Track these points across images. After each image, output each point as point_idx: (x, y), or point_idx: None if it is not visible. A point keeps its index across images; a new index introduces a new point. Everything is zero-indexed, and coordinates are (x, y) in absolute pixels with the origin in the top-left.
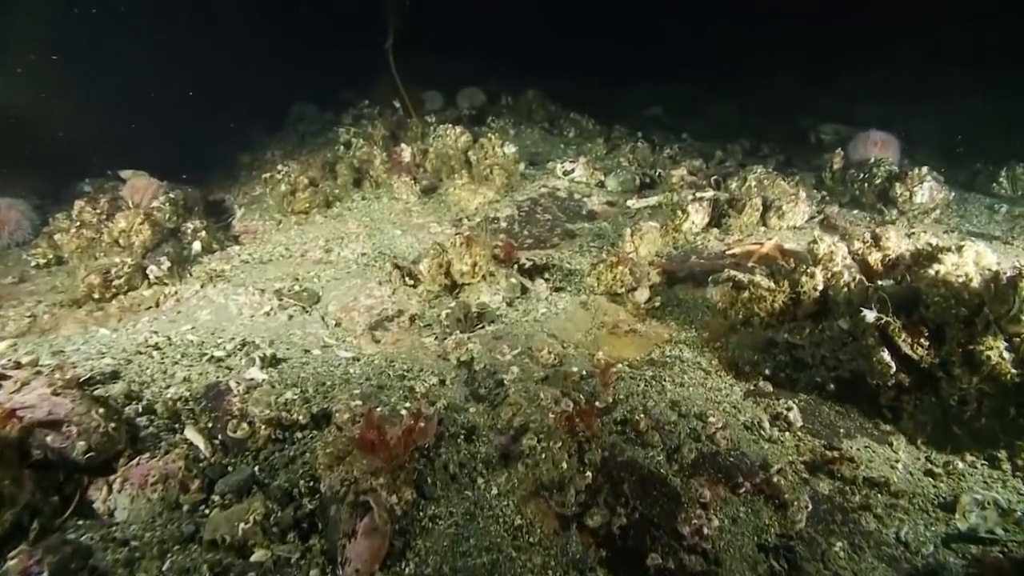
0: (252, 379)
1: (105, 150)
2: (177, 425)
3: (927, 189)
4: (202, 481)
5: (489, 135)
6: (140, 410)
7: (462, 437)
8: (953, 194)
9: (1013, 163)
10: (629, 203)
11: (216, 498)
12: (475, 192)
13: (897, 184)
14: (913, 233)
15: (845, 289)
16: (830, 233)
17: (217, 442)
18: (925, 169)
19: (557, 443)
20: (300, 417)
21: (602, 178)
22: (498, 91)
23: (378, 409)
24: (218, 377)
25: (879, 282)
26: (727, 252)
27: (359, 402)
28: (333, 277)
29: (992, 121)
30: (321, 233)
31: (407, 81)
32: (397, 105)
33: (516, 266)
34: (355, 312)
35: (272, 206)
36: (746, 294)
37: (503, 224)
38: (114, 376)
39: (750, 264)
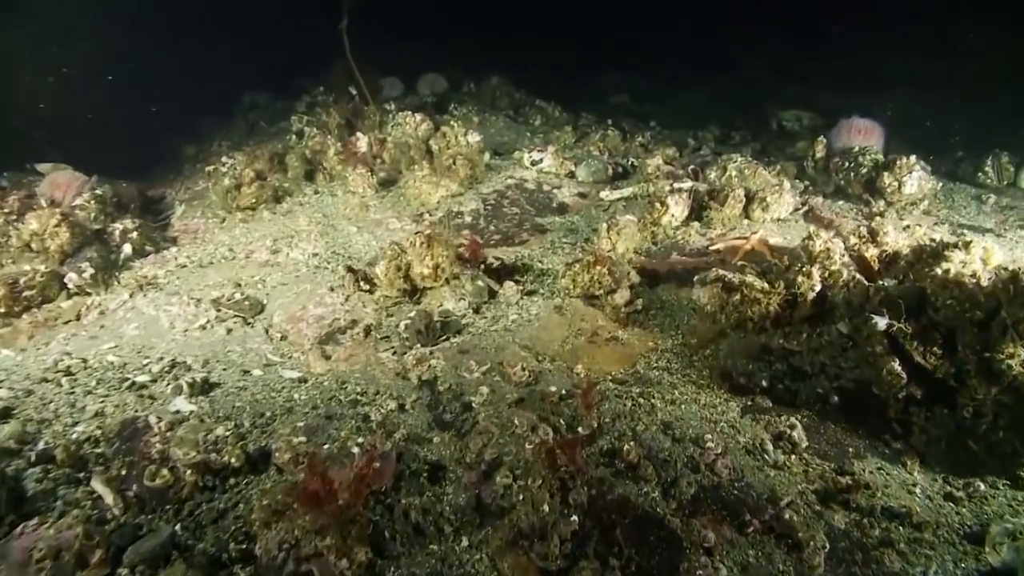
0: (177, 411)
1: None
2: (82, 475)
3: (916, 179)
4: (106, 550)
5: (452, 123)
6: (34, 458)
7: (425, 476)
8: (940, 184)
9: (998, 152)
10: (602, 195)
11: (124, 572)
12: (437, 185)
13: (885, 173)
14: (908, 227)
15: (844, 290)
16: (816, 225)
17: (131, 495)
18: (913, 158)
19: (536, 481)
20: (233, 459)
21: (572, 168)
22: (460, 78)
23: (325, 447)
24: (137, 410)
25: (881, 282)
26: (711, 248)
27: (303, 438)
28: (280, 282)
29: (958, 111)
30: (269, 231)
31: (364, 66)
32: (353, 92)
33: (483, 266)
34: (303, 323)
35: (215, 202)
36: (737, 296)
37: (468, 219)
38: (5, 414)
39: (736, 261)
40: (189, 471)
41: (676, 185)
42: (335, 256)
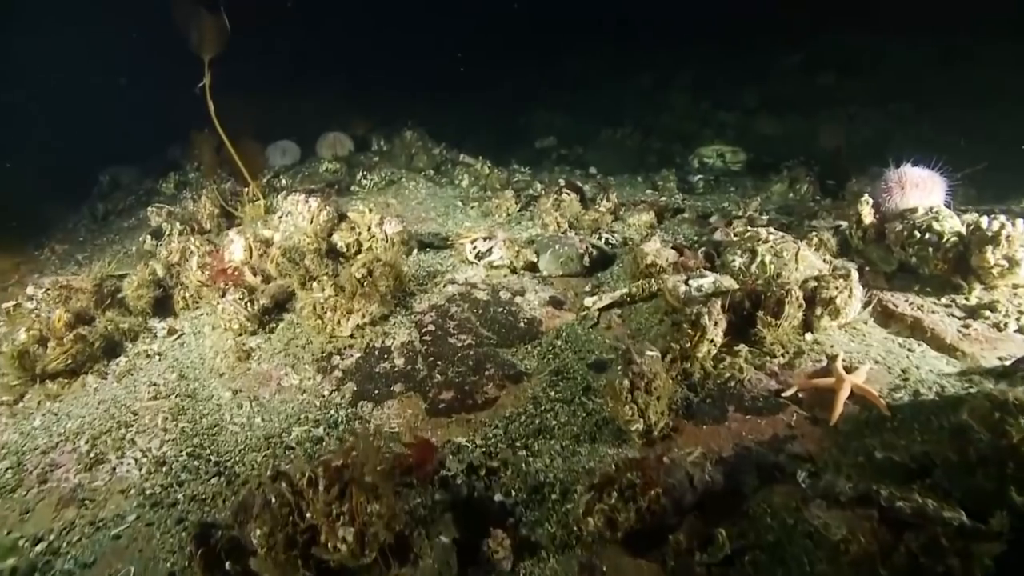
0: None
1: None
2: None
3: None
4: None
5: (362, 208)
6: None
7: None
8: None
9: None
10: (587, 302)
11: None
12: (348, 309)
13: (989, 248)
14: None
15: None
16: (897, 327)
17: None
18: (1021, 224)
19: None
20: None
21: (533, 258)
22: (368, 135)
23: None
24: None
25: None
26: (785, 394)
27: None
28: (78, 559)
29: (889, 132)
30: (88, 419)
31: (238, 131)
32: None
33: (438, 489)
34: None
35: (4, 369)
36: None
37: (398, 362)
38: None
39: (833, 421)
40: None
41: (693, 282)
42: (192, 467)
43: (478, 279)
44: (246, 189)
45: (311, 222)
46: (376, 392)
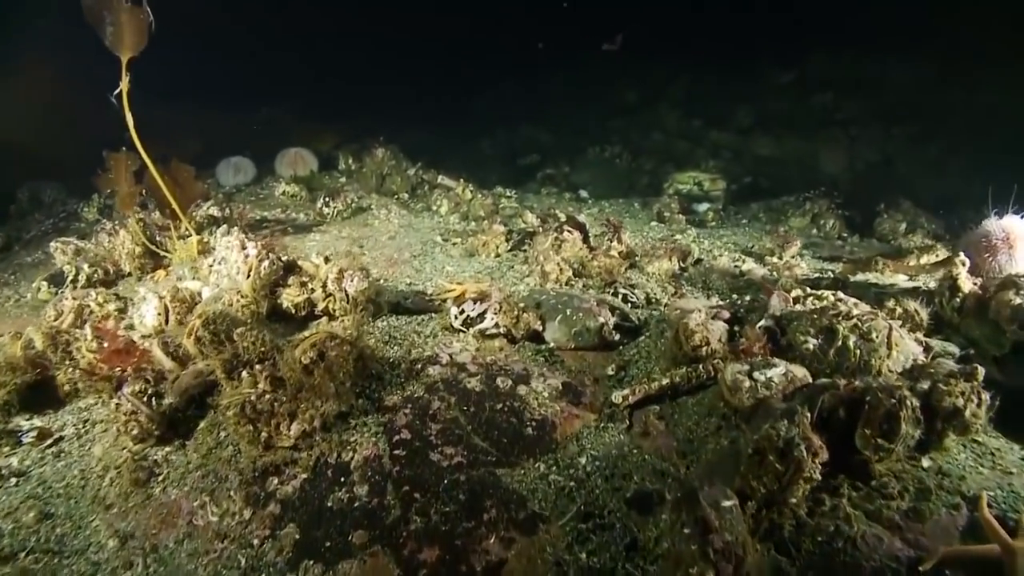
0: None
1: None
2: None
3: None
4: None
5: (314, 262)
6: None
7: None
8: None
9: None
10: (614, 398)
11: None
12: (290, 413)
13: None
14: None
15: None
16: None
17: None
18: None
19: None
20: None
21: (536, 325)
22: (334, 152)
23: None
24: None
25: None
26: (923, 567)
27: None
28: None
29: (894, 156)
30: None
31: (166, 148)
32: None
33: None
34: None
35: None
36: None
37: (360, 491)
38: None
39: None
40: None
41: (761, 377)
42: None
43: (467, 357)
44: (176, 222)
45: (248, 276)
46: (327, 544)
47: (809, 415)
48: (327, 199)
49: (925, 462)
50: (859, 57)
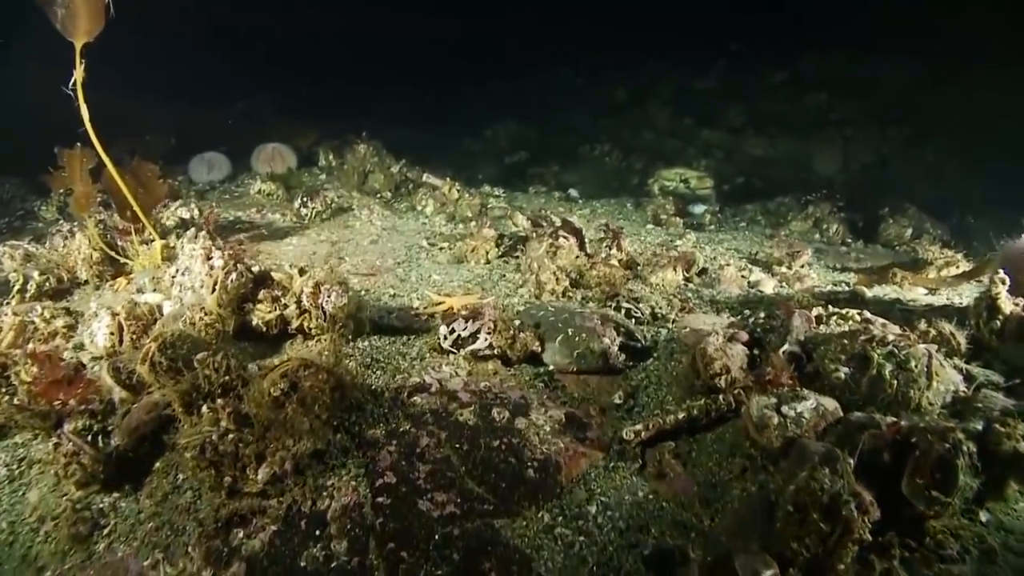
0: None
1: None
2: None
3: None
4: None
5: (289, 274)
6: None
7: None
8: None
9: None
10: (626, 435)
11: None
12: (257, 455)
13: None
14: None
15: None
16: None
17: None
18: None
19: None
20: None
21: (535, 346)
22: (314, 148)
23: None
24: None
25: None
26: None
27: None
28: None
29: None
30: None
31: (134, 143)
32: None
33: None
34: None
35: None
36: None
37: (338, 547)
38: None
39: None
40: None
41: (790, 412)
42: None
43: (458, 383)
44: (137, 225)
45: (213, 290)
46: None
47: (851, 461)
48: (305, 199)
49: (983, 516)
50: (854, 56)
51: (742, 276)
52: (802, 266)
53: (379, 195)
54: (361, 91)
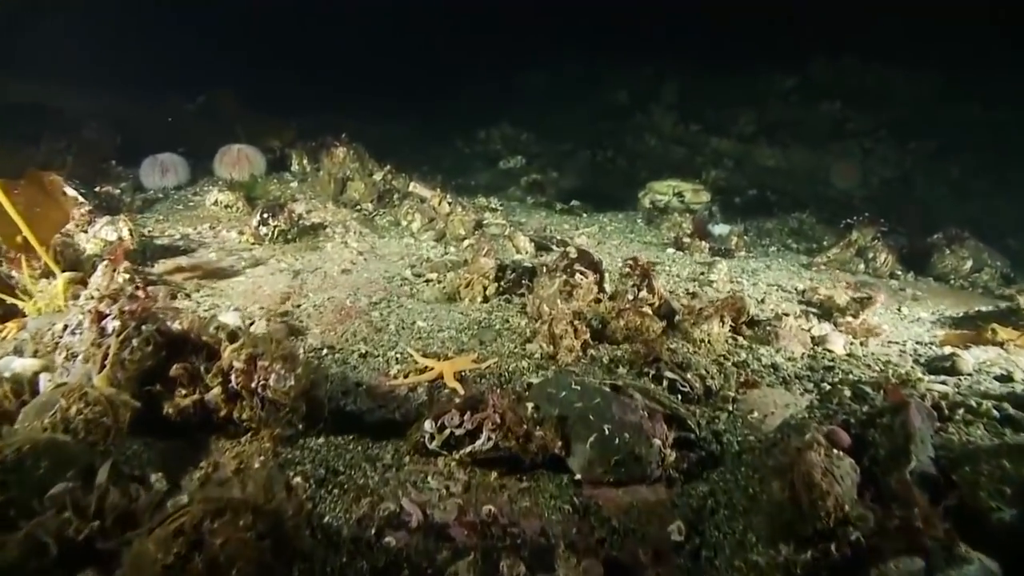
0: None
1: None
2: None
3: None
4: None
5: (232, 313)
6: None
7: None
8: None
9: None
10: None
11: None
12: None
13: None
14: None
15: None
16: None
17: None
18: None
19: None
20: None
21: (558, 448)
22: (287, 150)
23: None
24: None
25: None
26: None
27: None
28: None
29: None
30: None
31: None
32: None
33: None
34: None
35: None
36: None
37: None
38: None
39: None
40: None
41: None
42: None
43: (450, 511)
44: (30, 256)
45: (102, 367)
46: None
47: None
48: (266, 215)
49: None
50: (866, 62)
51: (802, 329)
52: (872, 313)
53: (359, 207)
54: (346, 83)
